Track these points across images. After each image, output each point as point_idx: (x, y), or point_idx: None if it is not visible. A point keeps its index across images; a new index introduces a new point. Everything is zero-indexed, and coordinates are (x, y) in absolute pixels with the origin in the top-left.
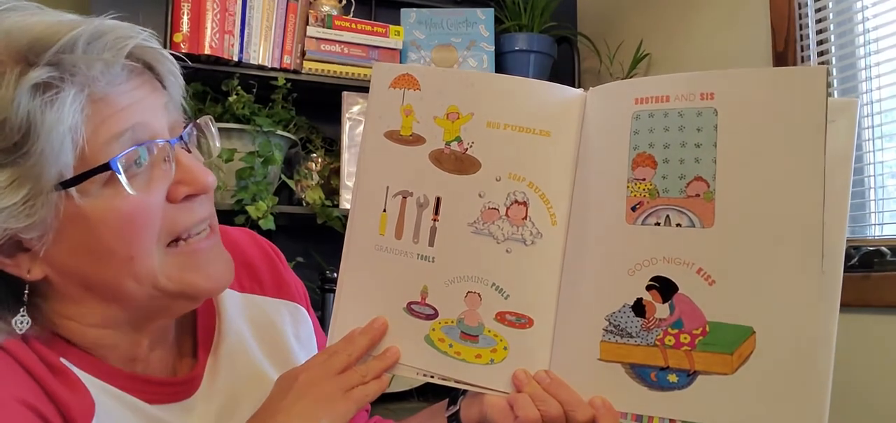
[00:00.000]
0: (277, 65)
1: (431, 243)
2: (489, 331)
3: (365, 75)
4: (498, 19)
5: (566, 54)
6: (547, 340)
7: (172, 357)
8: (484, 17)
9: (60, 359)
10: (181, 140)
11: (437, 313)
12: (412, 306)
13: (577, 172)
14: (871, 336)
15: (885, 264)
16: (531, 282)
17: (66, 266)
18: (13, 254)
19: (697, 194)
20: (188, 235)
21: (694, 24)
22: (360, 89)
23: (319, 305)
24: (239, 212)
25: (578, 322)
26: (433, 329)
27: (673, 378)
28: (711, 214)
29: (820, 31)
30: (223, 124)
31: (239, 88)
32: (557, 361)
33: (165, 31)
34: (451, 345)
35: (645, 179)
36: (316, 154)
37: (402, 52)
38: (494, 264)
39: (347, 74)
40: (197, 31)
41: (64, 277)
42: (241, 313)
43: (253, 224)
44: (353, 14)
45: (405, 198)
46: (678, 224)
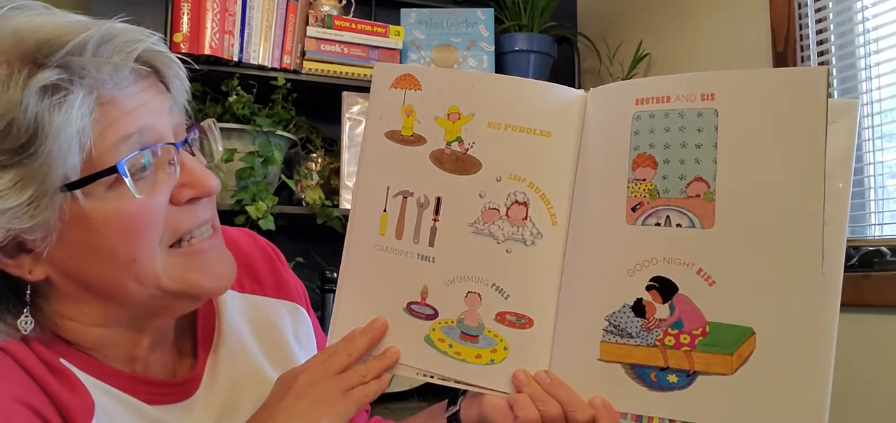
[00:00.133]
0: (277, 65)
1: (432, 244)
2: (489, 331)
3: (365, 75)
4: (498, 19)
5: (566, 54)
6: (547, 340)
7: (172, 358)
8: (484, 17)
9: (60, 360)
10: (186, 143)
11: (437, 314)
12: (412, 307)
13: (577, 172)
14: (871, 336)
15: (885, 264)
16: (531, 282)
17: (68, 267)
18: (15, 255)
19: (698, 195)
20: (191, 236)
21: (694, 24)
22: (360, 89)
23: (319, 305)
24: (239, 212)
25: (578, 322)
26: (433, 329)
27: (673, 379)
28: (711, 214)
29: (820, 32)
30: (223, 124)
31: (239, 88)
32: (557, 361)
33: (165, 32)
34: (450, 345)
35: (645, 179)
36: (316, 154)
37: (402, 52)
38: (495, 265)
39: (347, 73)
40: (197, 31)
41: (66, 277)
42: (240, 314)
43: (253, 224)
44: (353, 14)
45: (406, 198)
46: (678, 225)
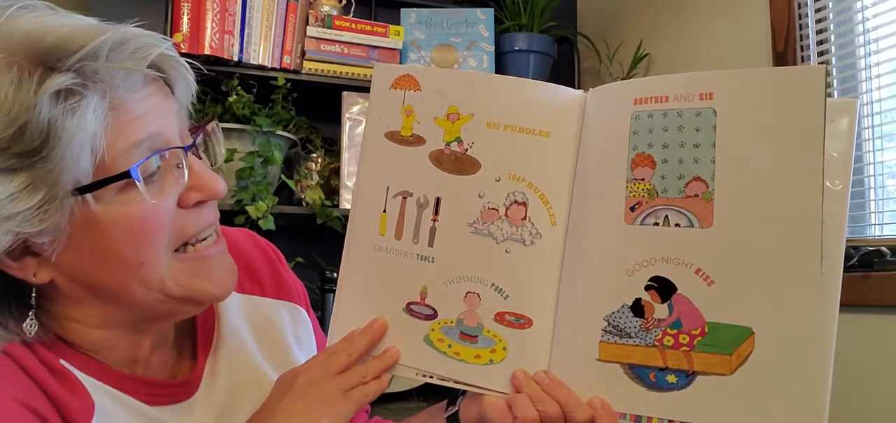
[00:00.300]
0: (277, 65)
1: (431, 244)
2: (488, 331)
3: (365, 75)
4: (498, 19)
5: (566, 54)
6: (546, 340)
7: (172, 359)
8: (484, 17)
9: (60, 361)
10: (193, 146)
11: (436, 314)
12: (412, 307)
13: (576, 172)
14: (871, 336)
15: (884, 264)
16: (530, 282)
17: (73, 270)
18: (20, 258)
19: (696, 194)
20: (196, 240)
21: (694, 24)
22: (360, 89)
23: (319, 305)
24: (239, 212)
25: (577, 323)
26: (432, 330)
27: (672, 379)
28: (710, 214)
29: (820, 31)
30: (223, 124)
31: (239, 88)
32: (556, 361)
33: (165, 32)
34: (450, 345)
35: (644, 179)
36: (316, 154)
37: (402, 52)
38: (494, 265)
39: (347, 73)
40: (197, 31)
41: (70, 280)
42: (240, 315)
43: (253, 224)
44: (353, 14)
45: (405, 198)
46: (677, 224)
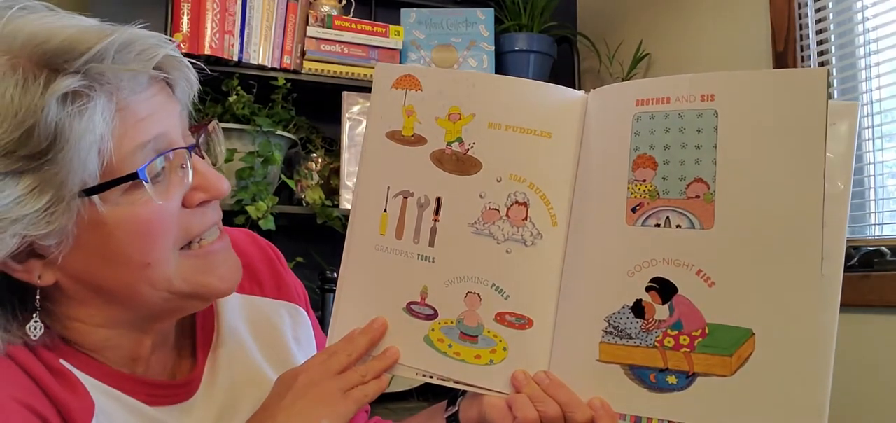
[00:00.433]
0: (277, 65)
1: (432, 244)
2: (489, 332)
3: (365, 75)
4: (498, 19)
5: (566, 54)
6: (546, 341)
7: (172, 359)
8: (484, 17)
9: (60, 361)
10: (196, 146)
11: (436, 314)
12: (412, 307)
13: (577, 173)
14: (871, 336)
15: (885, 264)
16: (531, 283)
17: (79, 272)
18: (25, 260)
19: (697, 196)
20: (201, 238)
21: (694, 25)
22: (360, 89)
23: (319, 305)
24: (239, 212)
25: (578, 323)
26: (433, 330)
27: (672, 380)
28: (711, 215)
29: (820, 32)
30: (223, 124)
31: (239, 88)
32: (557, 362)
33: (165, 32)
34: (450, 345)
35: (645, 180)
36: (316, 154)
37: (402, 52)
38: (494, 265)
39: (347, 73)
40: (197, 31)
41: (75, 282)
42: (239, 315)
43: (253, 224)
44: (353, 14)
45: (406, 198)
46: (678, 226)
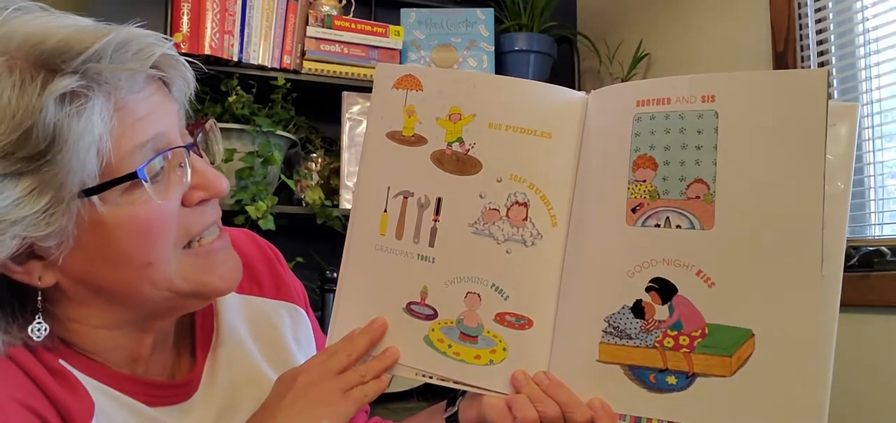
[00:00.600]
0: (277, 65)
1: (432, 244)
2: (488, 332)
3: (365, 75)
4: (498, 19)
5: (566, 54)
6: (546, 341)
7: (171, 359)
8: (484, 17)
9: (59, 361)
10: (194, 145)
11: (436, 314)
12: (412, 307)
13: (577, 173)
14: (871, 336)
15: (885, 264)
16: (531, 283)
17: (79, 273)
18: (25, 262)
19: (697, 196)
20: (201, 237)
21: (694, 25)
22: (360, 89)
23: (319, 305)
24: (239, 212)
25: (578, 323)
26: (432, 330)
27: (672, 380)
28: (711, 216)
29: (820, 32)
30: (223, 124)
31: (239, 88)
32: (556, 362)
33: (165, 32)
34: (450, 346)
35: (645, 180)
36: (316, 154)
37: (402, 52)
38: (494, 265)
39: (347, 74)
40: (197, 31)
41: (76, 282)
42: (239, 315)
43: (252, 224)
44: (353, 14)
45: (406, 198)
46: (678, 226)
